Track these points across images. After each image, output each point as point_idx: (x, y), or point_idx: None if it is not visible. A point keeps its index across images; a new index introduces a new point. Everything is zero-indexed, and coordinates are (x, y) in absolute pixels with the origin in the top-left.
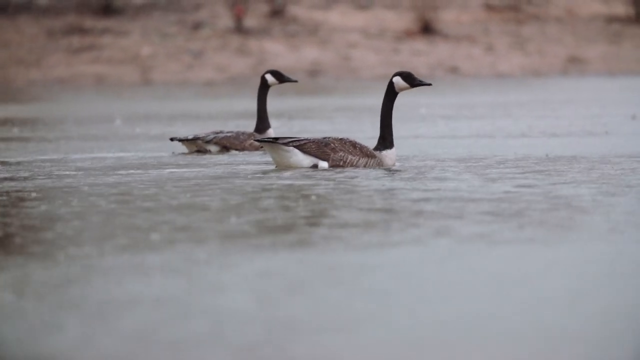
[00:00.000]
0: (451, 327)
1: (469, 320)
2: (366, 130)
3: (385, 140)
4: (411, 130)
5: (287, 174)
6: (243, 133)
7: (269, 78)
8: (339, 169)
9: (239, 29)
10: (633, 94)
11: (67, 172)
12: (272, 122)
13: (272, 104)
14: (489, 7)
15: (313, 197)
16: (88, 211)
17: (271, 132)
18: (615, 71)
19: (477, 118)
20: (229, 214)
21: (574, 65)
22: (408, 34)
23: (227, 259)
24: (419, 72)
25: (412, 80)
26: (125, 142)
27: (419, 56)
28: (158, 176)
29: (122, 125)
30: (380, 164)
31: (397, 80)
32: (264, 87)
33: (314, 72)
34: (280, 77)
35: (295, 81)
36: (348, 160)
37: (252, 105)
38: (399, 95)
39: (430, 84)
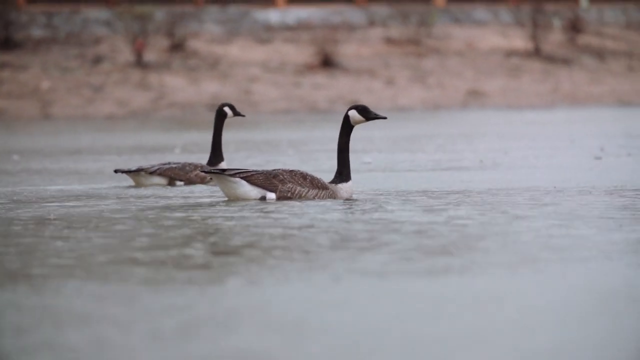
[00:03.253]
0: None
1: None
2: (261, 164)
3: (342, 173)
4: (317, 165)
5: (204, 207)
6: (190, 164)
7: (227, 111)
8: (285, 201)
9: (140, 63)
10: (536, 127)
11: None
12: (171, 157)
13: (173, 138)
14: (390, 41)
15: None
16: None
17: (224, 165)
18: (514, 105)
19: (376, 151)
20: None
21: (474, 98)
22: (308, 68)
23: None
24: (320, 106)
25: (367, 114)
26: (20, 177)
27: (319, 90)
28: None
29: (19, 161)
30: (333, 197)
31: (353, 113)
32: (221, 119)
33: (214, 106)
34: (234, 110)
35: (244, 116)
36: (297, 192)
37: (154, 139)
38: (297, 129)
39: (385, 117)
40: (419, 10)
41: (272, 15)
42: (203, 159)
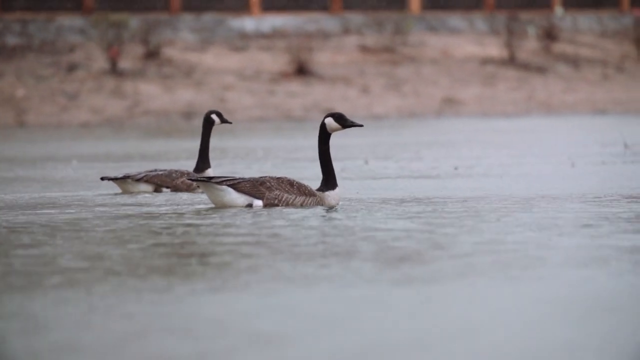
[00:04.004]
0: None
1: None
2: (241, 171)
3: (328, 181)
4: (298, 171)
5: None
6: (176, 171)
7: (215, 118)
8: (271, 208)
9: (114, 71)
10: (511, 135)
11: None
12: (147, 164)
13: (145, 146)
14: (365, 49)
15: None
16: None
17: (210, 172)
18: (490, 112)
19: (351, 159)
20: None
21: (449, 106)
22: (283, 76)
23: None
24: (295, 114)
25: (343, 122)
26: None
27: (294, 97)
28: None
29: None
30: (320, 203)
31: (329, 121)
32: (208, 126)
33: (189, 113)
34: (221, 117)
35: (230, 122)
36: (283, 199)
37: (130, 147)
38: (272, 137)
39: (361, 125)
40: (394, 18)
41: (247, 23)
42: (181, 165)
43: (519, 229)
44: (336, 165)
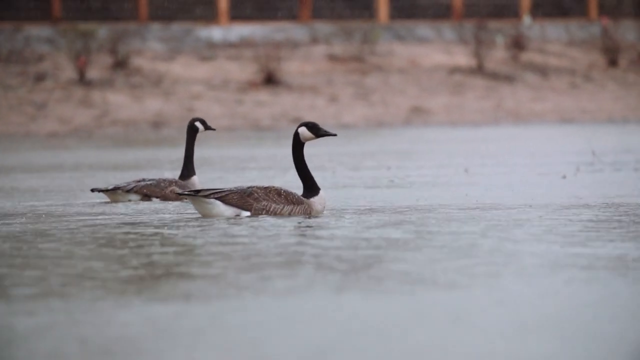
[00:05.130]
0: None
1: None
2: (204, 182)
3: (311, 188)
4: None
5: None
6: (164, 180)
7: (199, 125)
8: (260, 217)
9: (82, 81)
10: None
11: None
12: (115, 174)
13: (113, 155)
14: (333, 58)
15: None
16: None
17: (195, 179)
18: (458, 121)
19: (320, 169)
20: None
21: (417, 115)
22: (251, 85)
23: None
24: (263, 124)
25: (317, 131)
26: None
27: (262, 107)
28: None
29: None
30: (307, 211)
31: (303, 130)
32: (192, 134)
33: (157, 123)
34: (205, 125)
35: (214, 129)
36: (271, 209)
37: (99, 156)
38: (240, 147)
39: (335, 135)
40: (362, 27)
41: (215, 33)
42: (153, 175)
43: (480, 237)
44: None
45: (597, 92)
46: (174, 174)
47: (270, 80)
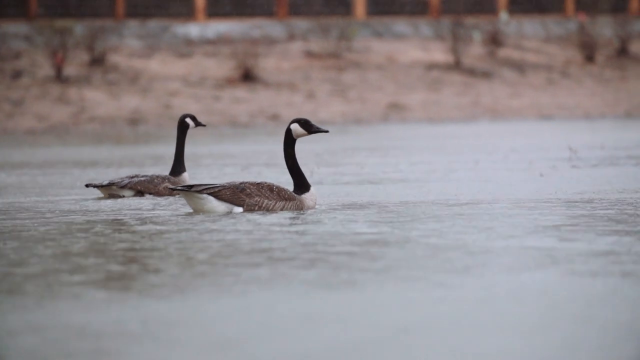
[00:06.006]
0: None
1: None
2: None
3: (301, 184)
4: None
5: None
6: (157, 177)
7: (189, 122)
8: (252, 213)
9: (59, 78)
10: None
11: None
12: (92, 171)
13: (90, 152)
14: (310, 55)
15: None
16: None
17: (186, 175)
18: (435, 118)
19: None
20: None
21: (395, 112)
22: (229, 82)
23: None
24: (240, 120)
25: (309, 127)
26: None
27: (239, 104)
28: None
29: None
30: (299, 207)
31: (295, 127)
32: (183, 130)
33: (134, 120)
34: (195, 121)
35: (204, 125)
36: (264, 205)
37: (76, 153)
38: (217, 143)
39: (327, 131)
40: (340, 24)
41: (192, 30)
42: (125, 174)
43: (455, 234)
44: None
45: (574, 88)
46: (153, 170)
47: (247, 77)
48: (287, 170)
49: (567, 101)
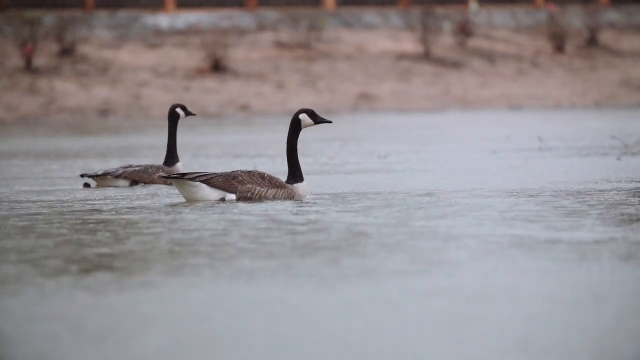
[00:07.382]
0: None
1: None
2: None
3: (296, 175)
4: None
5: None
6: (152, 167)
7: (180, 112)
8: (246, 201)
9: (29, 69)
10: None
11: None
12: (63, 162)
13: (61, 143)
14: (280, 45)
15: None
16: None
17: (179, 166)
18: (405, 108)
19: (267, 156)
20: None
21: (365, 102)
22: (199, 73)
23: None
24: (210, 111)
25: (315, 118)
26: None
27: (209, 94)
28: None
29: None
30: (291, 196)
31: (305, 117)
32: (174, 120)
33: (104, 111)
34: (186, 111)
35: (195, 115)
36: (256, 192)
37: (47, 144)
38: (187, 134)
39: (330, 122)
40: (309, 14)
41: (162, 20)
42: (92, 165)
43: (430, 222)
44: (261, 164)
45: (544, 79)
46: (123, 161)
47: (217, 67)
48: (258, 162)
49: (537, 91)
